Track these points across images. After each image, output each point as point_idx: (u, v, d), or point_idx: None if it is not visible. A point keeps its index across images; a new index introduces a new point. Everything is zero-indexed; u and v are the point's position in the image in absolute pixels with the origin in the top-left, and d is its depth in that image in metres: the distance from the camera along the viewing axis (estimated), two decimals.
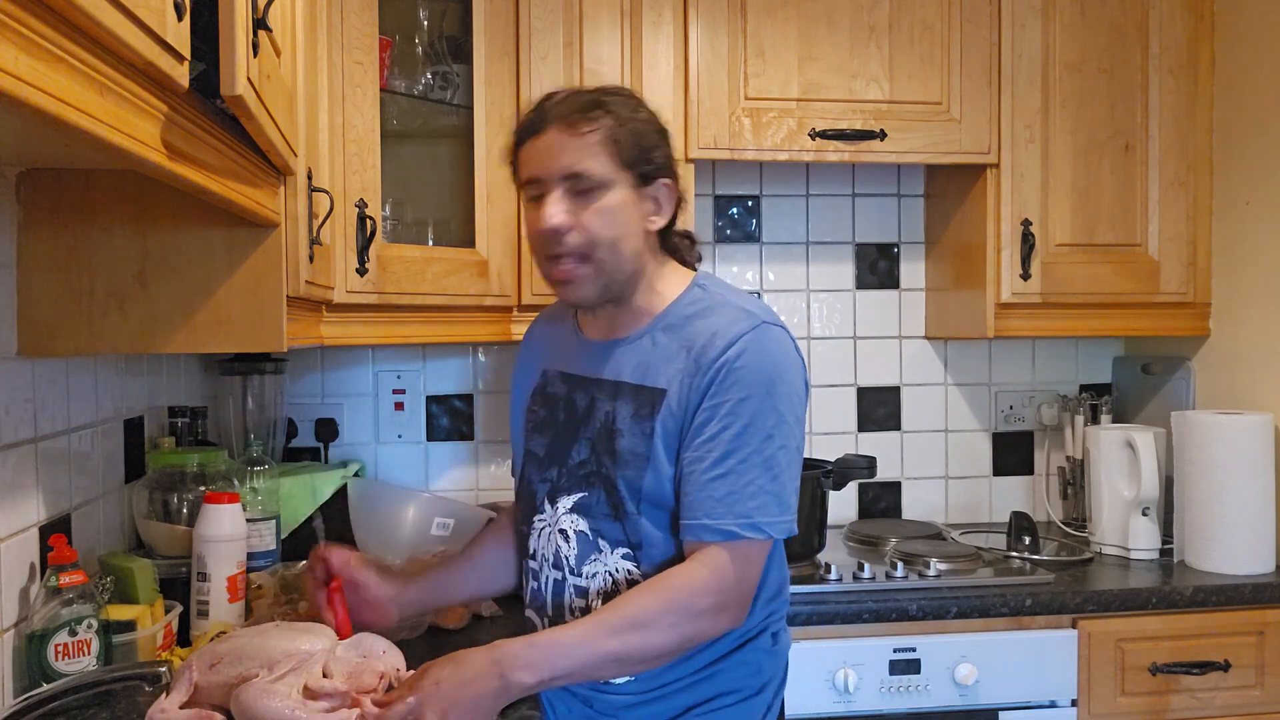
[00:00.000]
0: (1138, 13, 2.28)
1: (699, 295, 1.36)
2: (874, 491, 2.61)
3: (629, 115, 1.30)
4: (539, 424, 1.45)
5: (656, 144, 1.33)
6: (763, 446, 1.25)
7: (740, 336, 1.27)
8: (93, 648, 1.37)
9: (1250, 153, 2.24)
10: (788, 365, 1.29)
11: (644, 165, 1.31)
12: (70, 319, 1.33)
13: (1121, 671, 1.97)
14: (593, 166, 1.28)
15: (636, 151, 1.29)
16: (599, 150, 1.28)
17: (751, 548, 1.26)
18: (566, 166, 1.28)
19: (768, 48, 2.18)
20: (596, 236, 1.29)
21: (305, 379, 2.42)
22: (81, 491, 1.58)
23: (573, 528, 1.36)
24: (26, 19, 0.58)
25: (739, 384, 1.25)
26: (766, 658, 1.38)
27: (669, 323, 1.34)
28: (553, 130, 1.29)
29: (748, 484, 1.24)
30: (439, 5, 2.16)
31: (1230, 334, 2.30)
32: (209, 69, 0.93)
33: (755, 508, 1.24)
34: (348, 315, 1.85)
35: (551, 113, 1.30)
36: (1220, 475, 2.07)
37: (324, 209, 1.60)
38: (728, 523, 1.24)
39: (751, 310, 1.31)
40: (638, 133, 1.30)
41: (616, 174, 1.29)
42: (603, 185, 1.28)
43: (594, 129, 1.28)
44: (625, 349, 1.36)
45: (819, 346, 2.59)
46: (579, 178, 1.28)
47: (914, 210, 2.61)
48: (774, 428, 1.26)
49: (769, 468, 1.25)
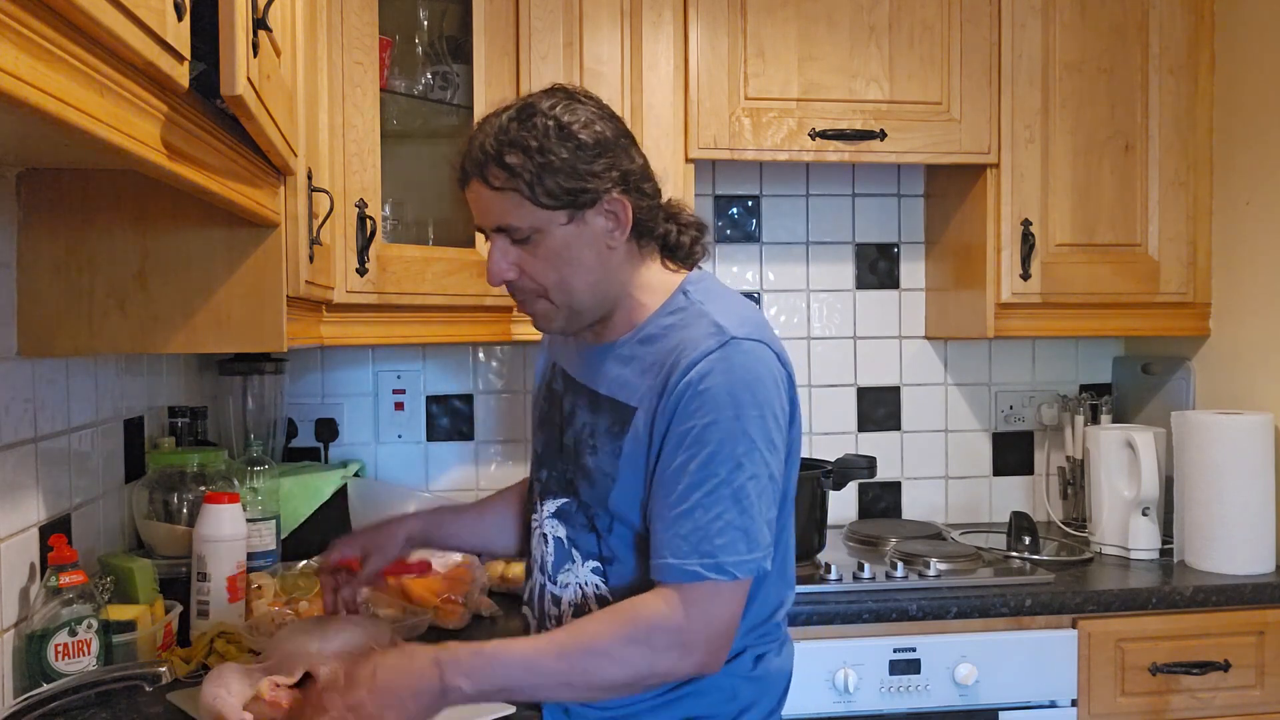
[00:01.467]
0: (1138, 13, 2.28)
1: (681, 303, 1.29)
2: (874, 491, 2.61)
3: (547, 146, 1.20)
4: (543, 421, 1.43)
5: (586, 167, 1.22)
6: (731, 477, 1.17)
7: (706, 355, 1.20)
8: (93, 648, 1.37)
9: (1250, 153, 2.23)
10: (760, 384, 1.21)
11: (577, 195, 1.21)
12: (70, 319, 1.33)
13: (1121, 671, 1.97)
14: (518, 218, 1.22)
15: (561, 187, 1.20)
16: (519, 200, 1.21)
17: (721, 588, 1.17)
18: (494, 221, 1.24)
19: (768, 48, 2.18)
20: (543, 281, 1.26)
21: (305, 379, 2.42)
22: (81, 491, 1.58)
23: (552, 533, 1.35)
24: (26, 19, 0.58)
25: (703, 408, 1.18)
26: (744, 683, 1.30)
27: (647, 334, 1.29)
28: (474, 183, 1.24)
29: (714, 519, 1.17)
30: (439, 5, 2.16)
31: (1230, 334, 2.30)
32: (209, 69, 0.93)
33: (721, 546, 1.16)
34: (348, 315, 1.85)
35: (469, 162, 1.24)
36: (1220, 475, 2.07)
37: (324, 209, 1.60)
38: (691, 563, 1.16)
39: (724, 325, 1.23)
40: (557, 167, 1.20)
41: (545, 217, 1.22)
42: (535, 231, 1.23)
43: (506, 180, 1.21)
44: (609, 358, 1.32)
45: (819, 346, 2.59)
46: (508, 231, 1.24)
47: (914, 210, 2.61)
48: (744, 455, 1.18)
49: (737, 500, 1.17)
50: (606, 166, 1.23)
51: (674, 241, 1.35)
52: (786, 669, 1.38)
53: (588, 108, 1.26)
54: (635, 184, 1.27)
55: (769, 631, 1.34)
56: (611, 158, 1.24)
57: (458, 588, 1.75)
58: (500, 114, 1.25)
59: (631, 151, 1.28)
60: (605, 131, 1.25)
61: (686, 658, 1.18)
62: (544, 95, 1.26)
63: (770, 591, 1.32)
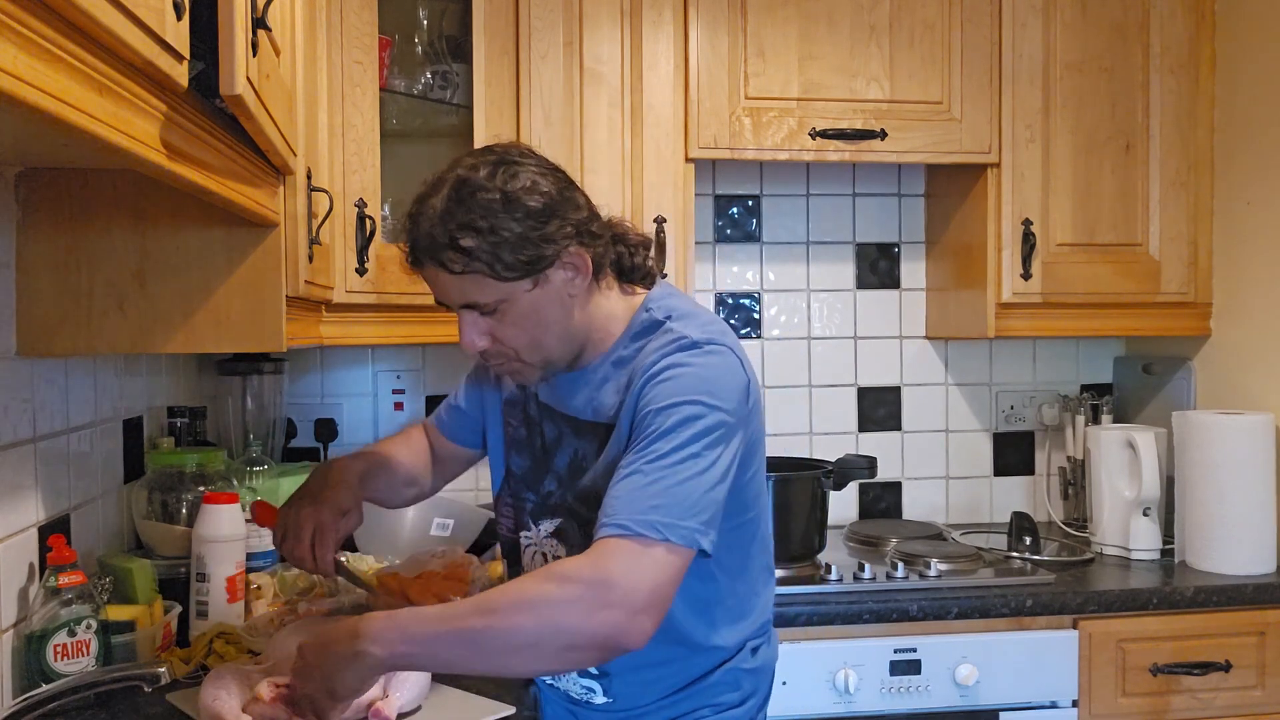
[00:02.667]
0: (1138, 12, 2.28)
1: (644, 321, 1.32)
2: (874, 492, 2.61)
3: (497, 225, 1.19)
4: (519, 443, 1.44)
5: (539, 234, 1.21)
6: (673, 453, 1.17)
7: (666, 357, 1.24)
8: (92, 648, 1.37)
9: (1251, 152, 2.23)
10: (716, 382, 1.22)
11: (535, 262, 1.22)
12: (69, 319, 1.33)
13: (1122, 672, 1.97)
14: (482, 295, 1.23)
15: (519, 259, 1.20)
16: (481, 279, 1.21)
17: (649, 548, 1.11)
18: (459, 300, 1.25)
19: (768, 47, 2.18)
20: (516, 345, 1.27)
21: (305, 379, 2.42)
22: (80, 492, 1.58)
23: (552, 553, 1.37)
24: (26, 19, 0.58)
25: (659, 396, 1.21)
26: (745, 674, 1.38)
27: (619, 356, 1.32)
28: (430, 267, 1.24)
29: (652, 483, 1.15)
30: (439, 5, 2.16)
31: (1231, 334, 2.30)
32: (208, 68, 0.93)
33: (654, 507, 1.13)
34: (347, 315, 1.85)
35: (420, 251, 1.23)
36: (1221, 475, 2.07)
37: (323, 209, 1.59)
38: (622, 517, 1.13)
39: (687, 334, 1.26)
40: (513, 241, 1.20)
41: (508, 288, 1.22)
42: (501, 302, 1.24)
43: (465, 264, 1.20)
44: (584, 383, 1.34)
45: (819, 346, 2.58)
46: (477, 306, 1.25)
47: (914, 210, 2.61)
48: (691, 439, 1.17)
49: (676, 473, 1.16)
50: (558, 226, 1.23)
51: (628, 265, 1.36)
52: (776, 655, 1.46)
53: (526, 168, 1.24)
54: (586, 231, 1.27)
55: (761, 628, 1.41)
56: (560, 216, 1.23)
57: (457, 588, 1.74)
58: (436, 193, 1.23)
59: (576, 198, 1.27)
60: (550, 189, 1.23)
61: (598, 611, 1.09)
62: (479, 163, 1.24)
63: (768, 588, 1.42)
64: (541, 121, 2.10)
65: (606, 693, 1.38)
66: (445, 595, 1.71)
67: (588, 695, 1.40)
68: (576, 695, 1.41)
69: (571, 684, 1.41)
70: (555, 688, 1.45)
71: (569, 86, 2.11)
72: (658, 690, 1.36)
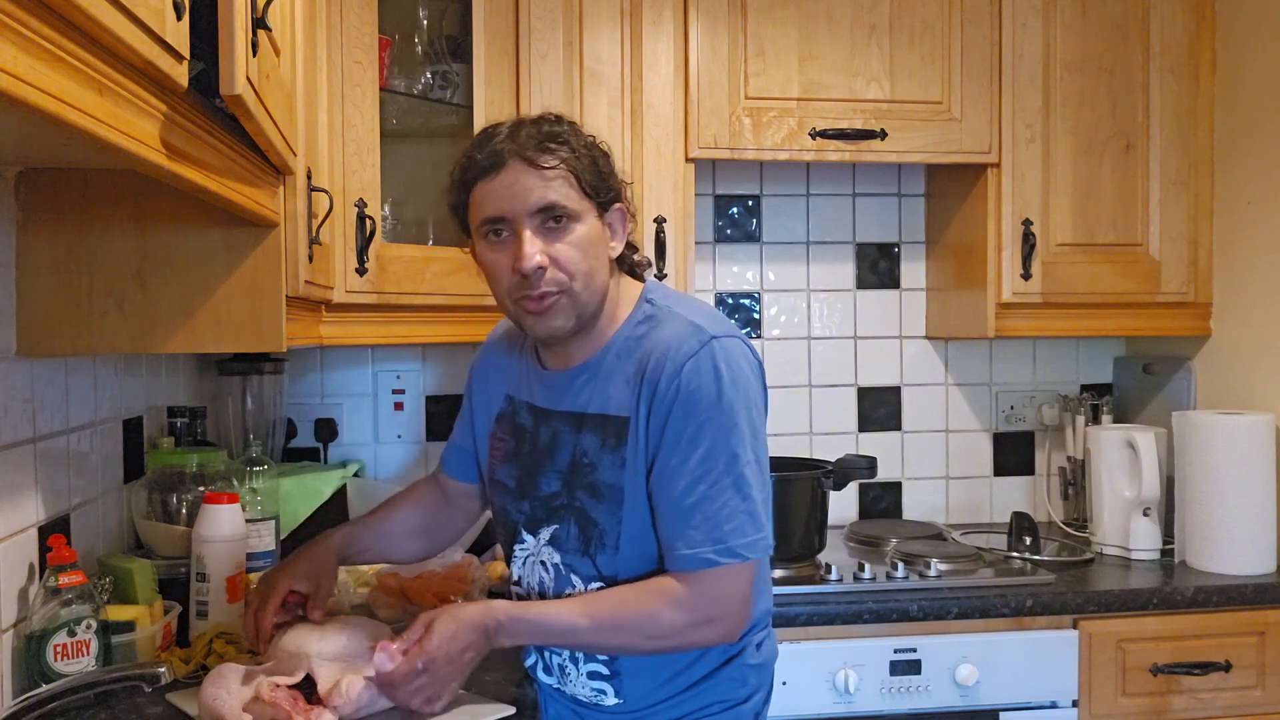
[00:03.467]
0: (1138, 12, 2.28)
1: (648, 311, 1.35)
2: (874, 492, 2.61)
3: (582, 144, 1.30)
4: (506, 454, 1.44)
5: (609, 170, 1.33)
6: (730, 467, 1.26)
7: (691, 357, 1.26)
8: (92, 648, 1.37)
9: (1251, 152, 2.23)
10: (742, 378, 1.28)
11: (604, 193, 1.31)
12: (69, 319, 1.33)
13: (1122, 672, 1.97)
14: (564, 199, 1.26)
15: (596, 179, 1.30)
16: (565, 183, 1.27)
17: (734, 569, 1.26)
18: (538, 201, 1.26)
19: (768, 47, 2.18)
20: (574, 269, 1.28)
21: (305, 379, 2.42)
22: (80, 492, 1.58)
23: (550, 560, 1.38)
24: (26, 19, 0.58)
25: (696, 408, 1.25)
26: (751, 670, 1.40)
27: (622, 346, 1.34)
28: (514, 165, 1.26)
29: (720, 508, 1.25)
30: (439, 4, 2.15)
31: (1231, 334, 2.30)
32: (208, 68, 0.93)
33: (730, 531, 1.25)
34: (347, 315, 1.85)
35: (508, 149, 1.27)
36: (1221, 475, 2.07)
37: (323, 209, 1.59)
38: (705, 551, 1.25)
39: (699, 324, 1.30)
40: (594, 160, 1.30)
41: (584, 204, 1.28)
42: (574, 217, 1.28)
43: (557, 162, 1.26)
44: (584, 378, 1.35)
45: (819, 346, 2.58)
46: (552, 211, 1.26)
47: (914, 210, 2.61)
48: (738, 445, 1.26)
49: (739, 488, 1.26)
50: (619, 180, 1.35)
51: (628, 261, 1.42)
52: (776, 650, 1.49)
53: None
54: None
55: (760, 620, 1.43)
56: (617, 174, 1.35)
57: (457, 588, 1.75)
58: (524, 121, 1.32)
59: None
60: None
61: (708, 631, 1.29)
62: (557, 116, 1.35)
63: (766, 584, 1.44)
64: None
65: (618, 693, 1.38)
66: (445, 595, 1.72)
67: (597, 697, 1.40)
68: (585, 698, 1.41)
69: (581, 687, 1.40)
70: (561, 691, 1.44)
71: (569, 86, 2.11)
72: (668, 689, 1.36)
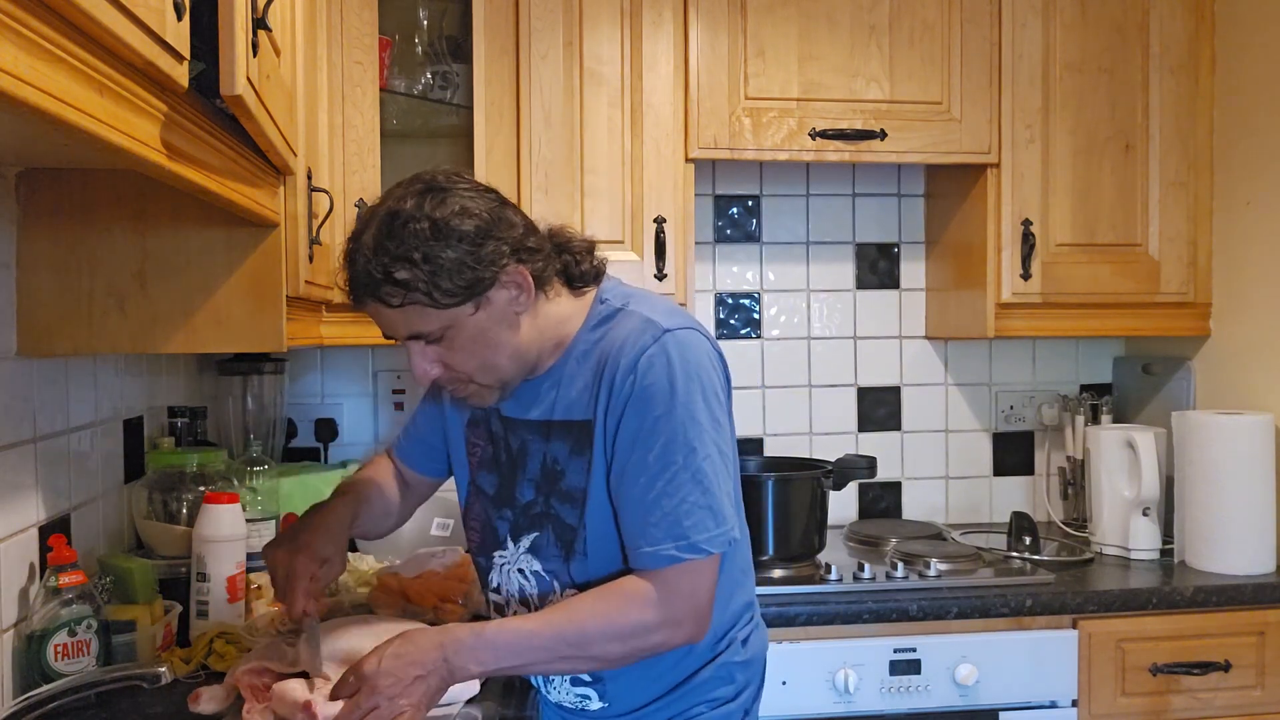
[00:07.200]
0: (1138, 12, 2.28)
1: (603, 312, 1.33)
2: (874, 491, 2.61)
3: (430, 253, 1.19)
4: (485, 460, 1.43)
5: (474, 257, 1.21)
6: (688, 461, 1.23)
7: (644, 351, 1.25)
8: (92, 648, 1.37)
9: (1251, 152, 2.23)
10: (698, 369, 1.26)
11: (474, 285, 1.21)
12: (70, 319, 1.33)
13: (1122, 672, 1.97)
14: (425, 324, 1.23)
15: (457, 284, 1.20)
16: (422, 310, 1.21)
17: (697, 565, 1.24)
18: (405, 331, 1.24)
19: (768, 47, 2.18)
20: (468, 369, 1.27)
21: (305, 379, 2.42)
22: (81, 492, 1.58)
23: (529, 568, 1.37)
24: (26, 19, 0.58)
25: (651, 401, 1.24)
26: (738, 667, 1.39)
27: (581, 350, 1.32)
28: (370, 304, 1.24)
29: (679, 503, 1.23)
30: (439, 5, 2.16)
31: (1230, 334, 2.30)
32: (208, 69, 0.93)
33: (690, 527, 1.23)
34: (347, 315, 1.85)
35: (359, 286, 1.22)
36: (1221, 475, 2.07)
37: (324, 209, 1.60)
38: (667, 548, 1.23)
39: (653, 319, 1.28)
40: (449, 268, 1.19)
41: (451, 314, 1.22)
42: (445, 329, 1.23)
43: (404, 296, 1.20)
44: (547, 386, 1.34)
45: (819, 346, 2.58)
46: (421, 336, 1.24)
47: (914, 210, 2.61)
48: (695, 439, 1.24)
49: (698, 482, 1.24)
50: (494, 247, 1.23)
51: (575, 272, 1.35)
52: (766, 644, 1.47)
53: (455, 193, 1.23)
54: (524, 247, 1.26)
55: (744, 613, 1.42)
56: (495, 236, 1.23)
57: (457, 588, 1.74)
58: (367, 229, 1.22)
59: (510, 217, 1.27)
60: (481, 211, 1.23)
61: (676, 632, 1.26)
62: (406, 194, 1.23)
63: (745, 576, 1.43)
64: (541, 122, 2.10)
65: (602, 698, 1.37)
66: (445, 595, 1.72)
67: (582, 703, 1.39)
68: (570, 704, 1.40)
69: (565, 693, 1.40)
70: (546, 699, 1.44)
71: (569, 86, 2.12)
72: (652, 691, 1.36)
